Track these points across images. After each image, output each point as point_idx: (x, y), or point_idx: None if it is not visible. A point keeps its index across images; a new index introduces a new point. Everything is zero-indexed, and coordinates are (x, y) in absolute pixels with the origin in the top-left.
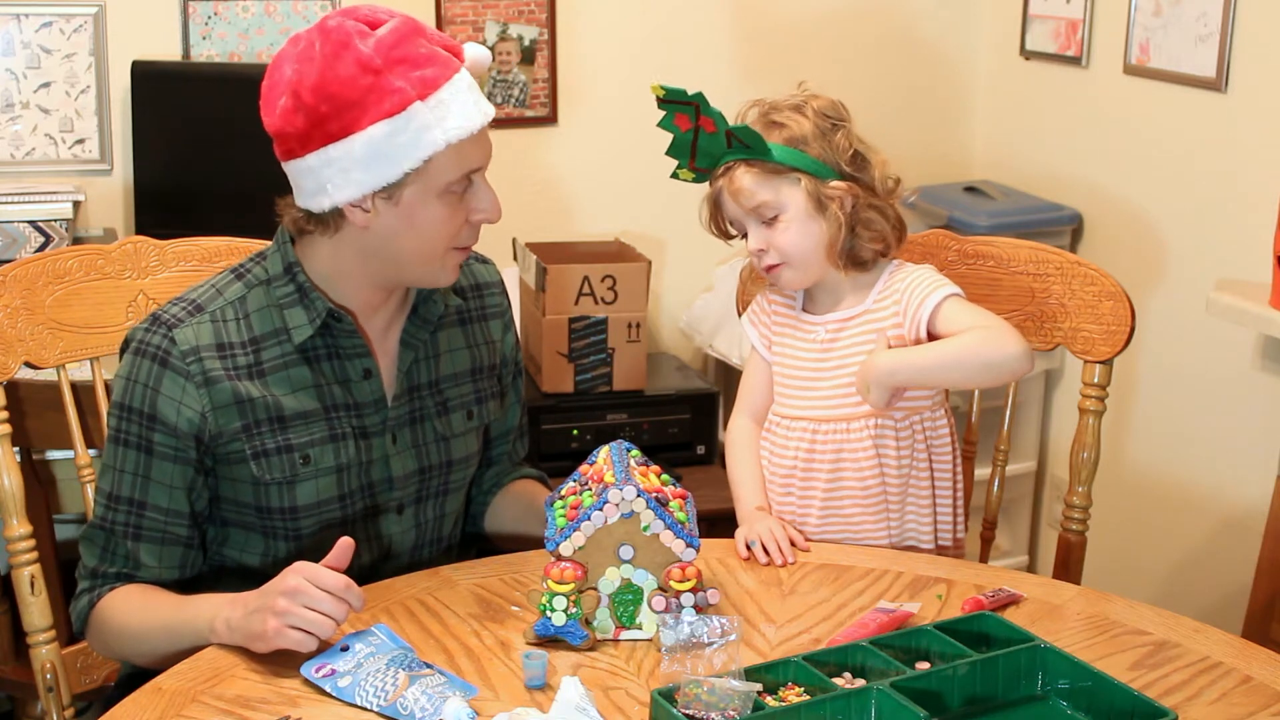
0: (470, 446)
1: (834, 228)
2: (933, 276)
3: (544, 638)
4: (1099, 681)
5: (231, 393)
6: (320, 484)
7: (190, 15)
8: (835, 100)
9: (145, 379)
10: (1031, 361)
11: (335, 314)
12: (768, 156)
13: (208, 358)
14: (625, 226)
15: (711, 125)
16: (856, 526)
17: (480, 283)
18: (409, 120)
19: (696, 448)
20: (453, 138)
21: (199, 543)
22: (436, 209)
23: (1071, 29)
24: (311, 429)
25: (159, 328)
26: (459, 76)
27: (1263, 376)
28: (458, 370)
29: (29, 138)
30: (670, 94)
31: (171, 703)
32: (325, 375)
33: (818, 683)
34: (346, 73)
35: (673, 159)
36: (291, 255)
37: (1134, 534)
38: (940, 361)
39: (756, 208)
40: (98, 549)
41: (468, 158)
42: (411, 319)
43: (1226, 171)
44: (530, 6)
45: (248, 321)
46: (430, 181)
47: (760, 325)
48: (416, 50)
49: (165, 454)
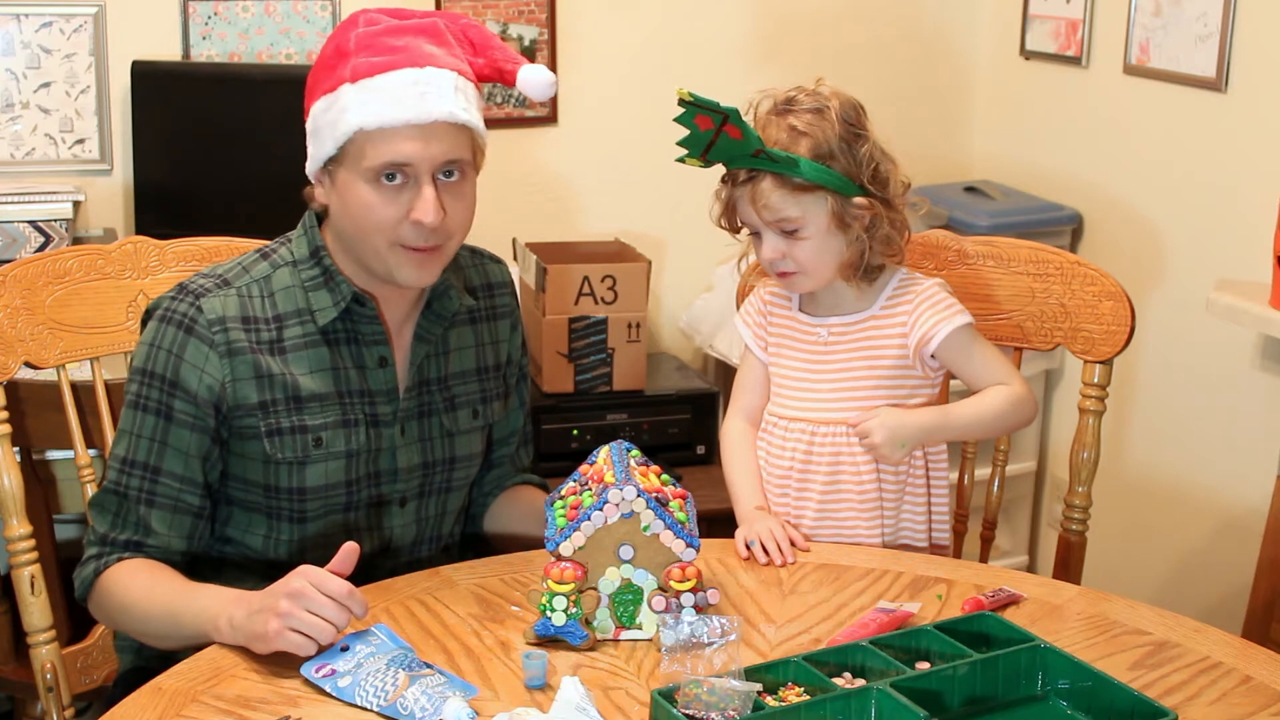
0: (474, 445)
1: (855, 247)
2: (947, 299)
3: (544, 638)
4: (1099, 681)
5: (253, 365)
6: (330, 468)
7: (190, 15)
8: (854, 100)
9: (170, 345)
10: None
11: (359, 298)
12: (796, 173)
13: (233, 328)
14: (625, 226)
15: (739, 134)
16: (850, 527)
17: (492, 282)
18: (335, 100)
19: (696, 448)
20: (367, 124)
21: (209, 515)
22: (364, 194)
23: (1071, 29)
24: (326, 412)
25: (186, 296)
26: (410, 72)
27: (1263, 376)
28: (466, 368)
29: (29, 138)
30: (700, 102)
31: (171, 703)
32: (343, 359)
33: (818, 683)
34: (327, 51)
35: (681, 148)
36: (318, 239)
37: (1134, 534)
38: (974, 424)
39: (779, 221)
40: (109, 514)
41: (394, 149)
42: (426, 313)
43: (1226, 171)
44: (530, 6)
45: (272, 300)
46: (354, 165)
47: (755, 325)
48: (390, 43)
49: (184, 421)
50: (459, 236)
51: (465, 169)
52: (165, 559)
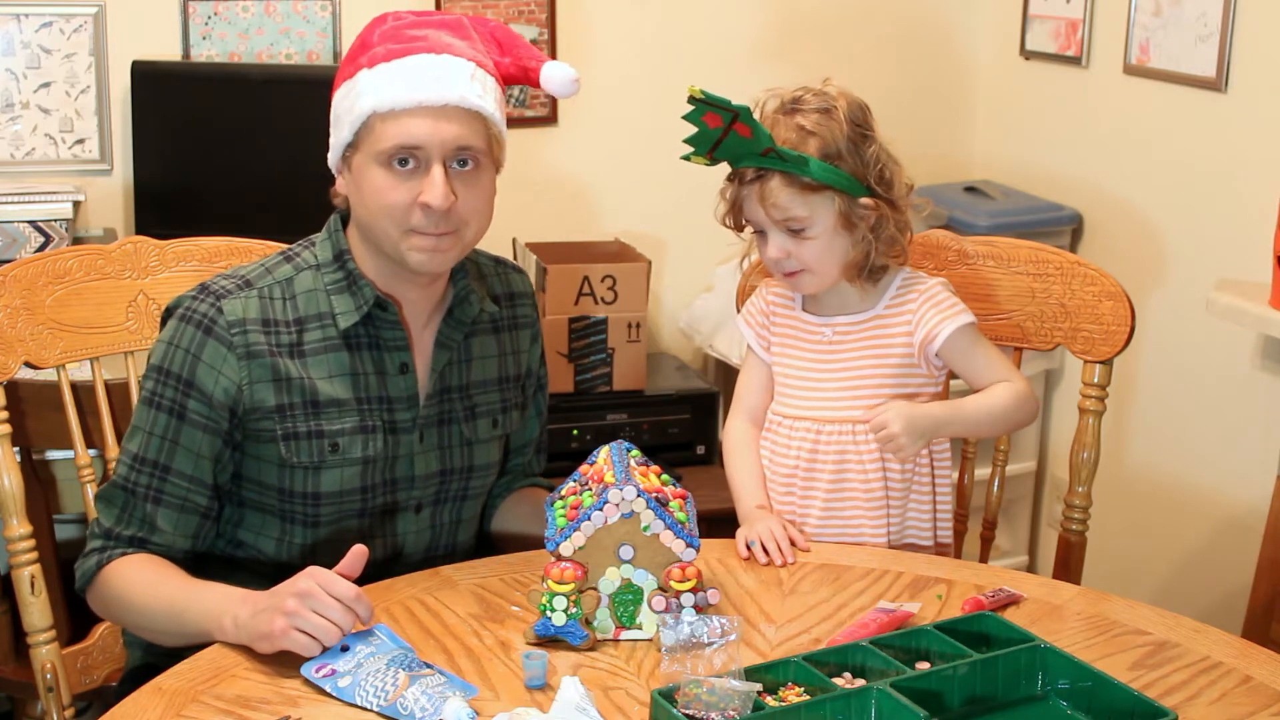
0: (492, 455)
1: (860, 247)
2: (950, 298)
3: (544, 638)
4: (1099, 681)
5: (271, 368)
6: (345, 474)
7: (190, 15)
8: (861, 100)
9: (188, 345)
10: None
11: (382, 302)
12: (805, 172)
13: (253, 331)
14: (625, 226)
15: (748, 132)
16: (855, 526)
17: (514, 292)
18: (353, 85)
19: (696, 448)
20: (380, 106)
21: (216, 515)
22: (376, 177)
23: (1071, 29)
24: (344, 418)
25: (207, 296)
26: (427, 58)
27: (1263, 376)
28: (487, 377)
29: (29, 138)
30: (711, 100)
31: (171, 703)
32: (363, 364)
33: (818, 683)
34: (353, 46)
35: (688, 145)
36: (343, 242)
37: (1134, 534)
38: (983, 419)
39: (786, 220)
40: (115, 509)
41: (405, 131)
42: (448, 320)
43: (1226, 171)
44: (530, 6)
45: (294, 302)
46: (368, 148)
47: (757, 325)
48: (411, 33)
49: (197, 422)
50: (475, 226)
51: (480, 159)
52: (168, 556)
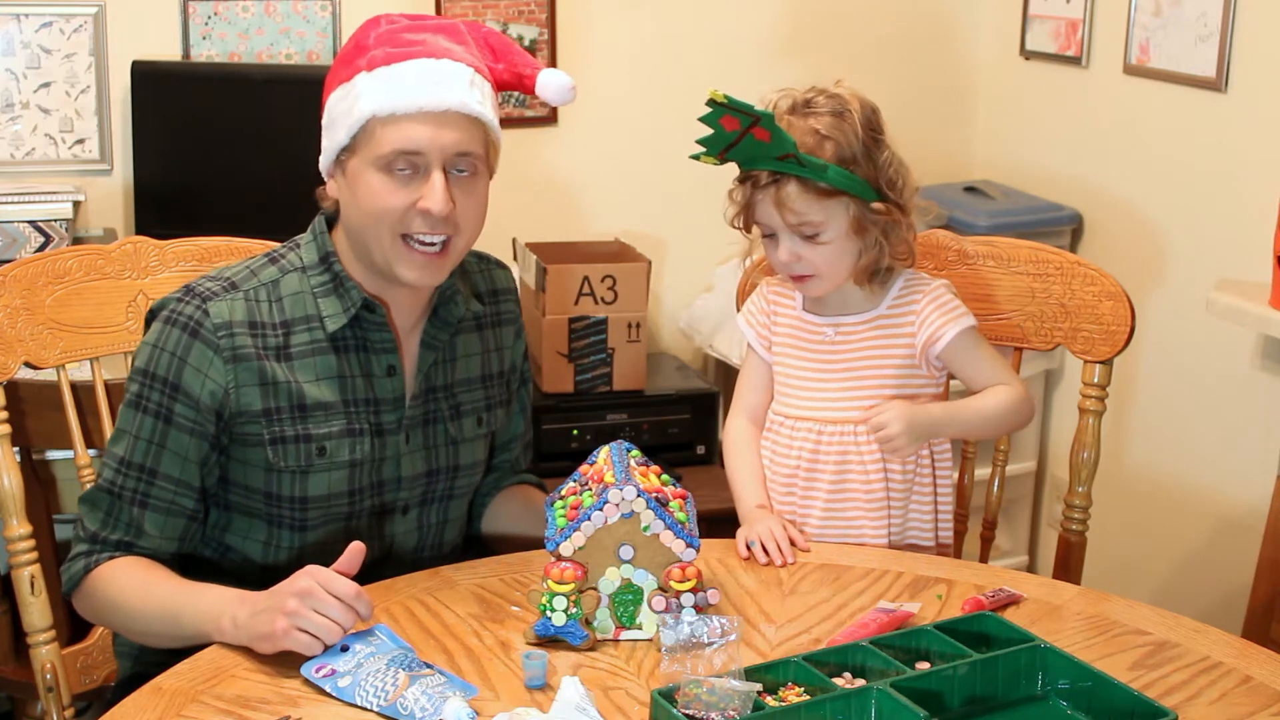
0: (477, 454)
1: (871, 252)
2: (953, 301)
3: (544, 638)
4: (1099, 681)
5: (258, 372)
6: (333, 477)
7: (190, 15)
8: (872, 102)
9: (174, 348)
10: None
11: (369, 304)
12: (824, 178)
13: (239, 334)
14: (625, 226)
15: (767, 137)
16: (857, 527)
17: (498, 288)
18: (350, 89)
19: (696, 448)
20: (380, 110)
21: (202, 518)
22: (374, 181)
23: (1071, 29)
24: (331, 421)
25: (193, 299)
26: (426, 62)
27: (1263, 376)
28: (471, 375)
29: (29, 138)
30: (734, 104)
31: (171, 703)
32: (350, 367)
33: (818, 683)
34: (346, 48)
35: (698, 145)
36: (329, 244)
37: (1134, 534)
38: (981, 420)
39: (801, 225)
40: (101, 513)
41: (406, 136)
42: (433, 320)
43: (1226, 171)
44: (530, 6)
45: (280, 305)
46: (366, 152)
47: (759, 325)
48: (409, 37)
49: (183, 425)
50: (467, 235)
51: (477, 166)
52: (155, 559)
